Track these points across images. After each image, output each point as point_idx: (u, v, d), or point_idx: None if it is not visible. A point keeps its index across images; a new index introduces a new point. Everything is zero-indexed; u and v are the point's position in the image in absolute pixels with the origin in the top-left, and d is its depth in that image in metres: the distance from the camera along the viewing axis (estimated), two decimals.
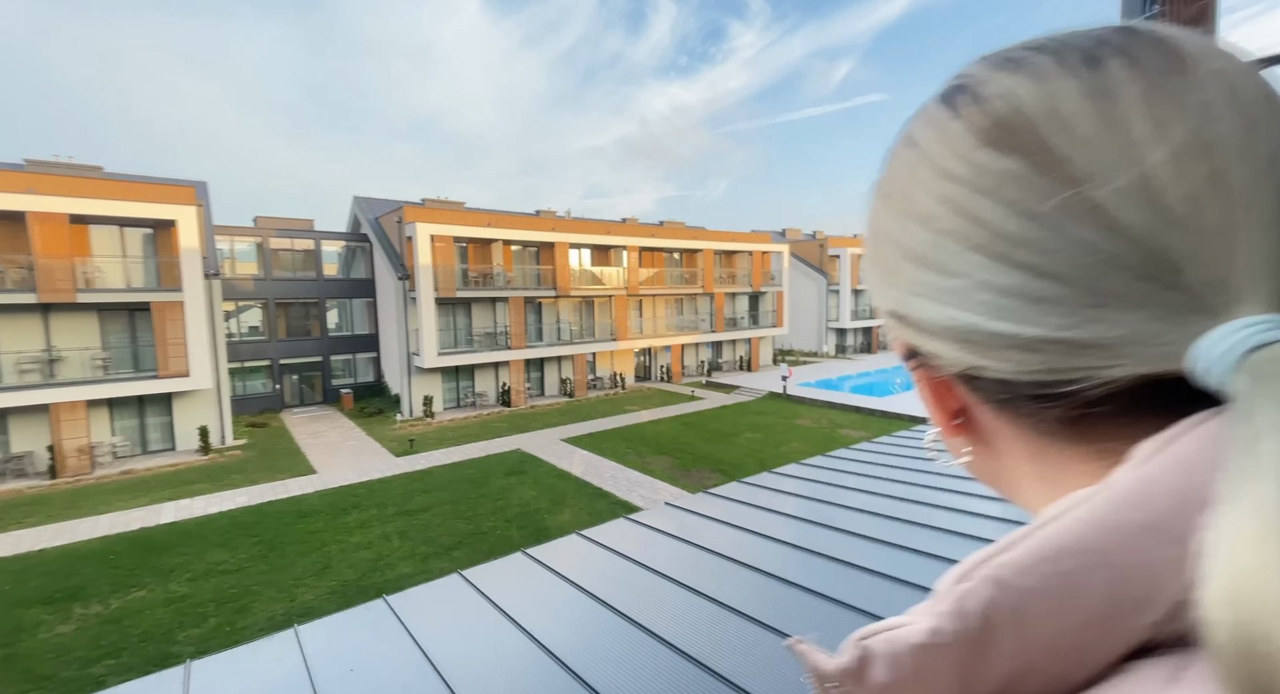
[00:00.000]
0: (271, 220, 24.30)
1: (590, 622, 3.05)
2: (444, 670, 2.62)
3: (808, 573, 3.48)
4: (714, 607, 3.08)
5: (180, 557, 10.32)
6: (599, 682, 2.44)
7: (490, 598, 3.31)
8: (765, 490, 5.47)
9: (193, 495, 13.38)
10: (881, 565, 3.52)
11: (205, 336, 16.55)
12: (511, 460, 15.60)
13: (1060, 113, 0.24)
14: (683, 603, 3.17)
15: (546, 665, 2.63)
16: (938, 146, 0.27)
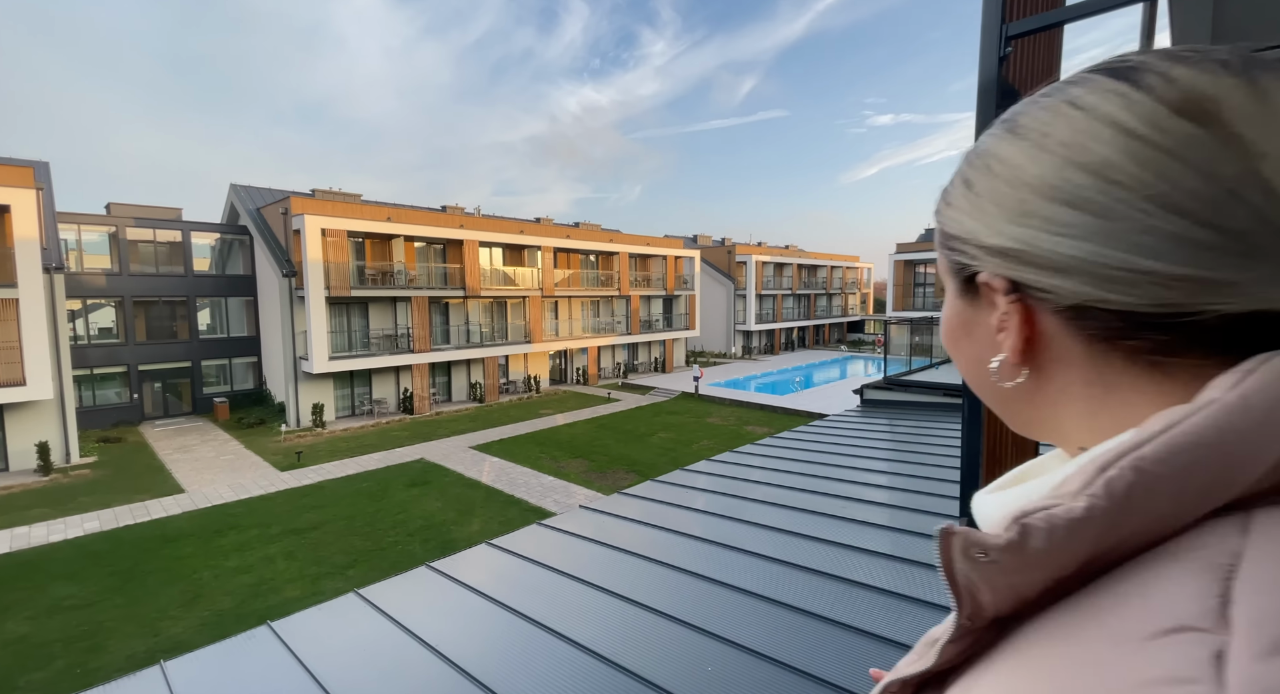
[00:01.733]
0: (128, 207, 21.40)
1: (502, 632, 2.99)
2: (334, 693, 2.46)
3: (721, 567, 3.62)
4: (630, 606, 3.12)
5: (17, 592, 8.82)
6: (511, 691, 2.40)
7: (391, 616, 3.15)
8: (678, 488, 5.62)
9: (30, 522, 11.47)
10: (789, 555, 3.73)
11: (45, 339, 14.25)
12: (414, 471, 14.82)
13: (1236, 101, 0.30)
14: (598, 605, 3.18)
15: (455, 681, 2.55)
16: (1120, 111, 0.32)
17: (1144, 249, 0.31)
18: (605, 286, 29.30)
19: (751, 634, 2.72)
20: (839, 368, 34.70)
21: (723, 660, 2.56)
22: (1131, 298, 0.31)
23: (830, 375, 31.71)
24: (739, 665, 2.51)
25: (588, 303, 29.32)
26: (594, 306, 29.72)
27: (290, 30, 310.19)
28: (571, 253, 28.27)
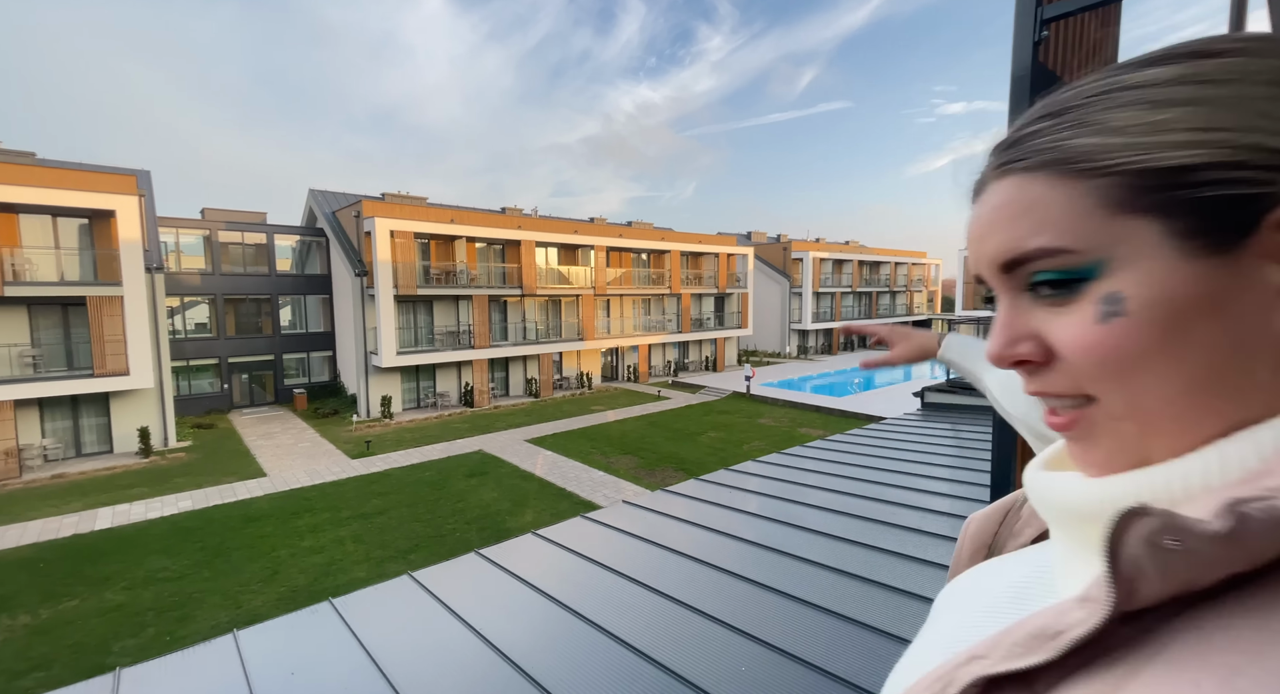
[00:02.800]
0: (220, 212, 23.29)
1: (543, 620, 3.07)
2: (389, 672, 2.60)
3: (765, 570, 3.57)
4: (670, 603, 3.13)
5: (116, 564, 9.81)
6: (549, 680, 2.47)
7: (440, 599, 3.29)
8: (723, 488, 5.57)
9: (131, 500, 12.72)
10: (838, 562, 3.63)
11: (147, 333, 15.75)
12: (473, 462, 15.38)
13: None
14: (638, 600, 3.21)
15: (496, 664, 2.64)
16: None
17: None
18: (656, 285, 29.35)
19: (796, 640, 2.67)
20: (902, 370, 33.34)
21: (759, 663, 2.53)
22: None
23: (893, 377, 30.48)
24: (773, 667, 2.48)
25: (639, 301, 29.47)
26: (645, 305, 29.84)
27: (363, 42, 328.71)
28: (624, 252, 28.49)
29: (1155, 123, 0.30)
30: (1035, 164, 0.34)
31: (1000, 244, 0.36)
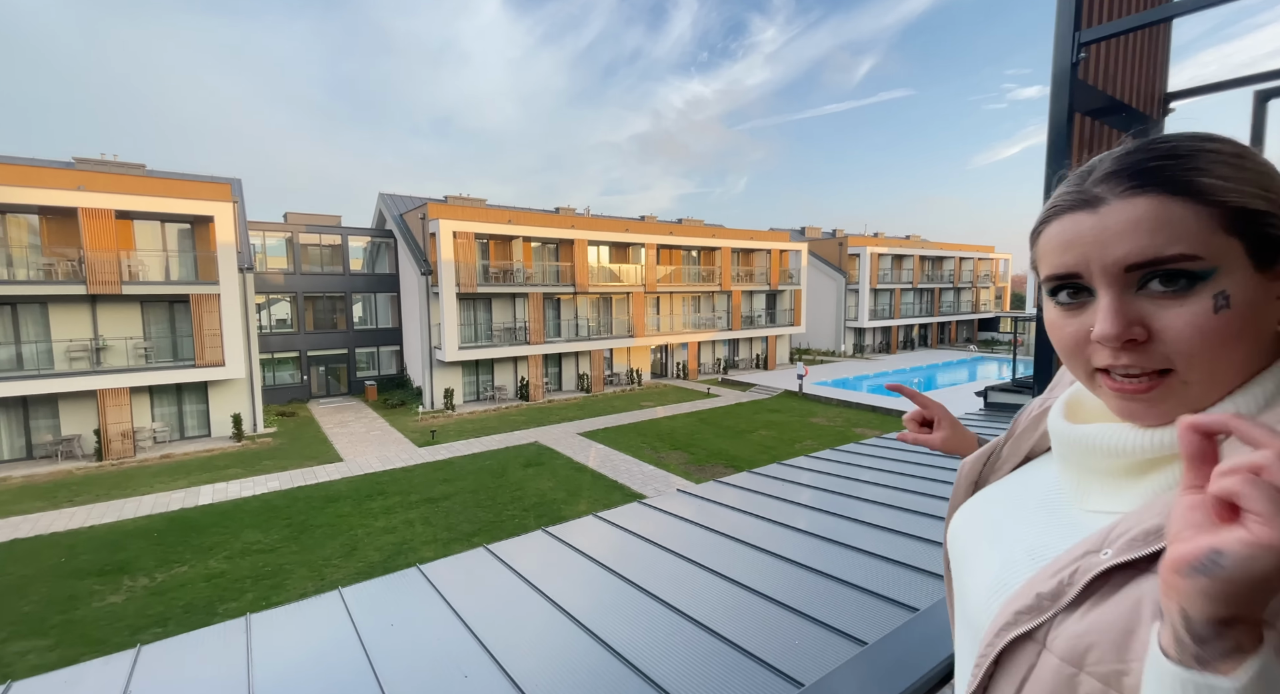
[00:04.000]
0: (301, 216, 25.04)
1: (607, 591, 3.34)
2: (473, 626, 2.93)
3: (822, 558, 3.70)
4: (725, 582, 3.33)
5: (218, 536, 10.88)
6: (618, 642, 2.72)
7: (514, 568, 3.61)
8: (775, 480, 5.69)
9: (227, 479, 14.01)
10: (899, 554, 3.73)
11: (239, 328, 17.23)
12: (529, 452, 15.99)
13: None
14: (696, 578, 3.43)
15: (566, 625, 2.92)
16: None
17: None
18: (707, 282, 29.33)
19: (843, 617, 2.82)
20: (966, 370, 31.90)
21: (809, 639, 2.70)
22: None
23: (956, 377, 29.29)
24: (822, 643, 2.63)
25: (689, 298, 29.54)
26: (695, 302, 29.87)
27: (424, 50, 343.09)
28: (674, 249, 28.63)
29: (1242, 178, 0.45)
30: (1173, 190, 0.45)
31: (1134, 249, 0.46)
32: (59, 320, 15.54)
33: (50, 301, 15.38)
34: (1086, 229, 0.48)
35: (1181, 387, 0.47)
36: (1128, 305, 0.47)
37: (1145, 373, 0.48)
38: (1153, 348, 0.47)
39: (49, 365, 15.29)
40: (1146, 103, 1.54)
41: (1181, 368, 0.47)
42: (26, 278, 14.97)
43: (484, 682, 2.51)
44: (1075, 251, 0.49)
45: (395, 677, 2.56)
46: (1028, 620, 0.50)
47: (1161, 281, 0.46)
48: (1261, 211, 0.45)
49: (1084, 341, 0.51)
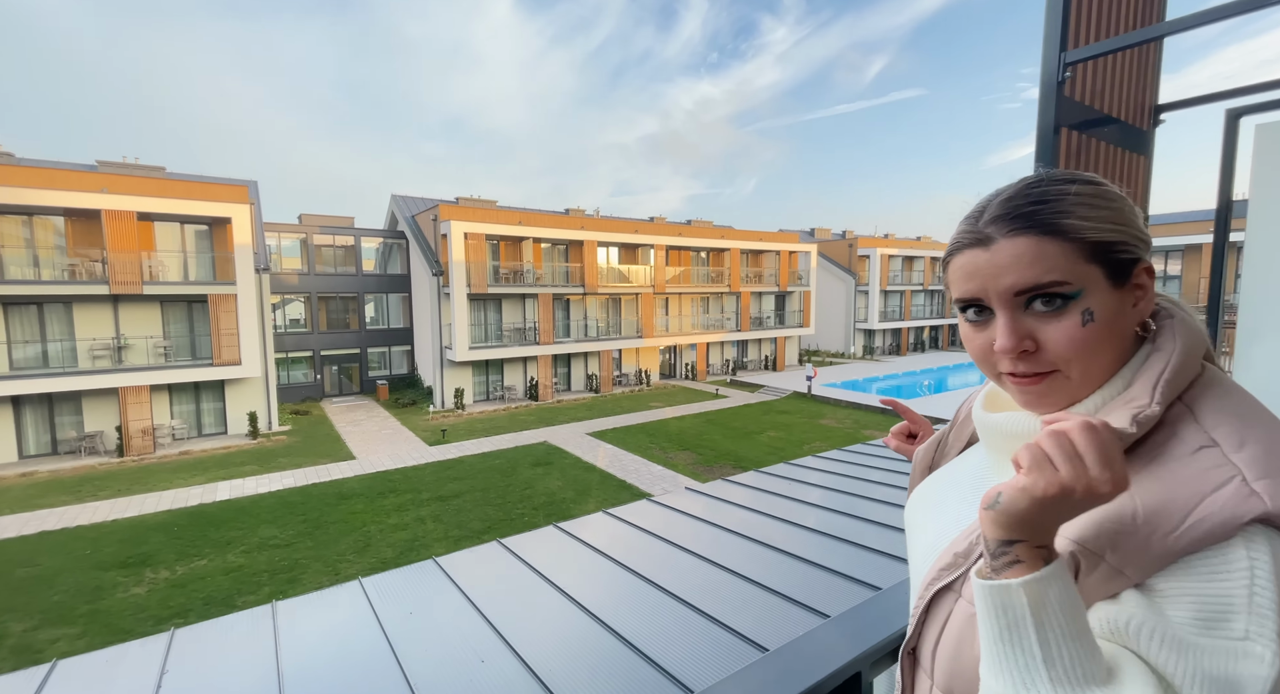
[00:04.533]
0: (315, 218, 25.41)
1: (617, 583, 3.44)
2: (488, 614, 3.04)
3: (832, 555, 3.78)
4: (734, 577, 3.42)
5: (235, 531, 11.12)
6: (627, 631, 2.82)
7: (526, 561, 3.73)
8: (783, 479, 5.76)
9: (244, 476, 14.28)
10: (901, 550, 3.81)
11: (255, 327, 17.55)
12: (538, 452, 16.13)
13: None
14: (704, 572, 3.52)
15: (577, 614, 3.02)
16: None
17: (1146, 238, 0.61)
18: (716, 283, 29.37)
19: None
20: (977, 372, 31.63)
21: (810, 627, 2.78)
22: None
23: (967, 380, 29.08)
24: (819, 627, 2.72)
25: (698, 299, 29.59)
26: (704, 303, 29.92)
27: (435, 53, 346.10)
28: (683, 250, 28.70)
29: (1098, 216, 0.58)
30: (1043, 231, 0.58)
31: (1019, 279, 0.58)
32: (83, 320, 15.92)
33: (74, 301, 15.77)
34: (982, 263, 0.60)
35: (1065, 381, 0.60)
36: (1019, 322, 0.60)
37: (1041, 373, 0.60)
38: (1040, 355, 0.60)
39: (73, 363, 15.67)
40: (1136, 115, 1.62)
41: (1063, 368, 0.60)
42: (52, 278, 15.36)
43: (499, 666, 2.63)
44: (976, 281, 0.61)
45: (415, 661, 2.68)
46: (947, 575, 0.63)
47: (1042, 302, 0.58)
48: (1114, 241, 0.58)
49: (990, 351, 0.63)
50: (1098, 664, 0.45)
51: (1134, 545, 0.49)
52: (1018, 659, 0.47)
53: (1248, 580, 0.45)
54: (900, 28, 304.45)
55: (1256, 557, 0.45)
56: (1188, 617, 0.46)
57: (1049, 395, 0.61)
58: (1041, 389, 0.61)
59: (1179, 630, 0.46)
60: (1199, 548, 0.47)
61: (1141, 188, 1.59)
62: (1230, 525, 0.46)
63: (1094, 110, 1.40)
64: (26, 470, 14.42)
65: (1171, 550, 0.47)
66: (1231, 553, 0.46)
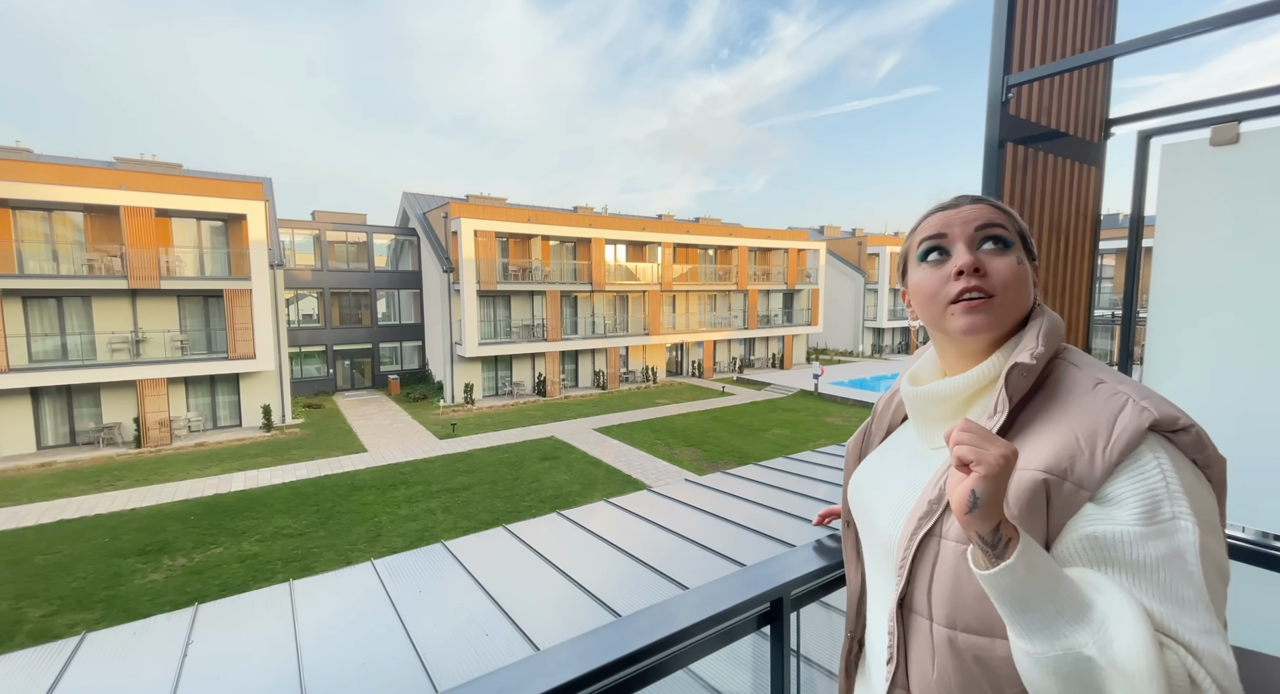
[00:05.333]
0: (328, 215, 25.75)
1: (616, 566, 3.60)
2: (493, 593, 3.22)
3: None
4: (726, 562, 3.58)
5: (250, 520, 11.41)
6: (624, 609, 2.99)
7: (530, 545, 3.90)
8: (782, 473, 5.90)
9: (258, 467, 14.61)
10: None
11: (270, 322, 17.88)
12: (546, 446, 16.34)
13: None
14: (699, 557, 3.68)
15: (577, 594, 3.19)
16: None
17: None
18: (723, 281, 29.42)
19: None
20: None
21: None
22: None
23: None
24: None
25: (705, 297, 29.66)
26: (711, 301, 29.99)
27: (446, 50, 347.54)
28: (691, 248, 28.78)
29: (1019, 220, 0.80)
30: (993, 206, 0.80)
31: (981, 218, 0.78)
32: (101, 313, 16.31)
33: (93, 295, 16.16)
34: (951, 216, 0.79)
35: (1000, 307, 0.75)
36: (974, 252, 0.77)
37: (984, 294, 0.75)
38: (988, 279, 0.75)
39: (92, 356, 16.07)
40: (1086, 129, 1.74)
41: (999, 293, 0.75)
42: (72, 272, 15.75)
43: (503, 639, 2.80)
44: (943, 225, 0.79)
45: (425, 634, 2.86)
46: (927, 522, 0.74)
47: (992, 243, 0.77)
48: (1025, 235, 0.80)
49: (945, 282, 0.77)
50: (1081, 594, 0.57)
51: (1083, 463, 0.62)
52: (1038, 618, 0.56)
53: (1161, 475, 0.59)
54: (913, 24, 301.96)
55: (1160, 457, 0.60)
56: (1133, 514, 0.59)
57: (990, 314, 0.75)
58: (987, 307, 0.75)
59: (1131, 528, 0.59)
60: (1125, 456, 0.61)
61: (1093, 196, 1.71)
62: (1138, 433, 0.61)
63: (1041, 126, 1.53)
64: (45, 460, 14.83)
65: (1110, 461, 0.61)
66: (1143, 458, 0.61)
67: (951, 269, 0.76)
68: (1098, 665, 0.54)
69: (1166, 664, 0.53)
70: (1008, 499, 0.65)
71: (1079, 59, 1.35)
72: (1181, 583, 0.56)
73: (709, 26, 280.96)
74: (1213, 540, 0.59)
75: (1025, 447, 0.68)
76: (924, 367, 0.87)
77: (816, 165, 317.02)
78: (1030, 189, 1.54)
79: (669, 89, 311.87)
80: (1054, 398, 0.70)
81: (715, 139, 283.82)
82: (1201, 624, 0.55)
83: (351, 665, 2.60)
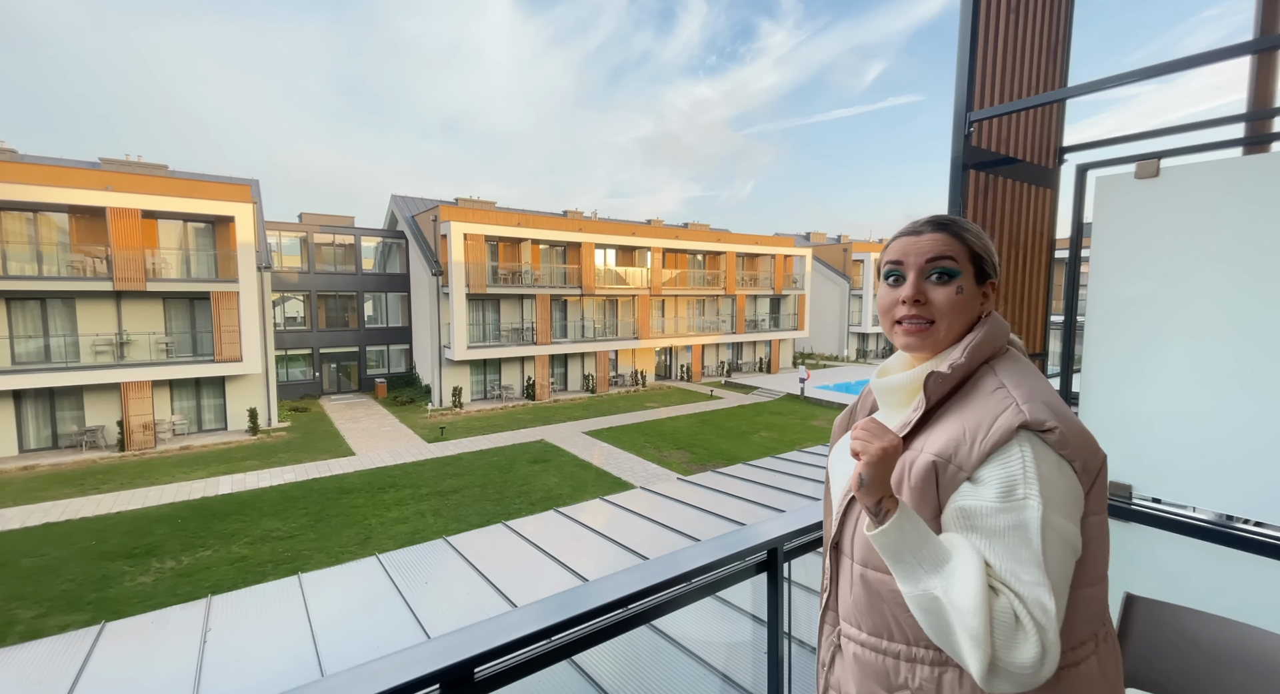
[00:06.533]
0: (315, 217, 25.64)
1: (616, 559, 3.77)
2: (495, 582, 3.38)
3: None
4: None
5: (239, 523, 11.37)
6: None
7: (529, 539, 4.06)
8: (771, 471, 6.11)
9: (245, 471, 14.52)
10: None
11: (257, 325, 17.78)
12: (535, 450, 16.43)
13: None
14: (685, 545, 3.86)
15: (575, 582, 3.36)
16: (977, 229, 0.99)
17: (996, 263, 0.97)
18: (711, 286, 29.75)
19: None
20: None
21: None
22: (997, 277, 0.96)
23: None
24: None
25: (694, 302, 29.96)
26: (700, 305, 30.29)
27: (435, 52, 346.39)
28: (679, 253, 29.07)
29: (980, 242, 0.93)
30: (951, 233, 0.92)
31: (931, 251, 0.90)
32: (85, 315, 16.12)
33: (78, 297, 15.98)
34: (910, 243, 0.94)
35: (934, 332, 0.92)
36: (921, 283, 0.93)
37: (922, 321, 0.92)
38: (927, 308, 0.92)
39: (75, 358, 15.87)
40: (1043, 157, 1.97)
41: (937, 320, 0.91)
42: (55, 274, 15.57)
43: None
44: (902, 253, 0.94)
45: (435, 620, 3.01)
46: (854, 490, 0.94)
47: (937, 275, 0.91)
48: (983, 257, 0.93)
49: (895, 304, 0.95)
50: (944, 549, 0.77)
51: (965, 451, 0.80)
52: (906, 567, 0.75)
53: (1022, 464, 0.76)
54: (897, 33, 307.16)
55: (1025, 449, 0.77)
56: (995, 493, 0.77)
57: (924, 340, 0.92)
58: (923, 334, 0.92)
59: (991, 503, 0.77)
60: (997, 447, 0.78)
61: (1048, 216, 1.94)
62: (1009, 431, 0.78)
63: (1001, 154, 1.75)
64: (27, 463, 14.61)
65: (984, 451, 0.79)
66: (1011, 450, 0.78)
67: (900, 295, 0.92)
68: (943, 603, 0.73)
69: (997, 605, 0.72)
70: (910, 473, 0.85)
71: (1032, 100, 1.57)
72: (1021, 547, 0.73)
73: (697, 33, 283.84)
74: (1059, 517, 0.75)
75: (931, 435, 0.85)
76: (893, 362, 1.06)
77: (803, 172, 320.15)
78: (991, 209, 1.76)
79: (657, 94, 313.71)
80: (965, 397, 0.86)
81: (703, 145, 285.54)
82: (1032, 578, 0.72)
83: (366, 647, 2.74)
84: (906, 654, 0.85)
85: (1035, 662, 0.70)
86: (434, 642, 0.97)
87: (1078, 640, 0.81)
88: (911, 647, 0.84)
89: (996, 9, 1.70)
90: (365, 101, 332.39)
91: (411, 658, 0.90)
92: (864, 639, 0.91)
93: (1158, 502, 1.62)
